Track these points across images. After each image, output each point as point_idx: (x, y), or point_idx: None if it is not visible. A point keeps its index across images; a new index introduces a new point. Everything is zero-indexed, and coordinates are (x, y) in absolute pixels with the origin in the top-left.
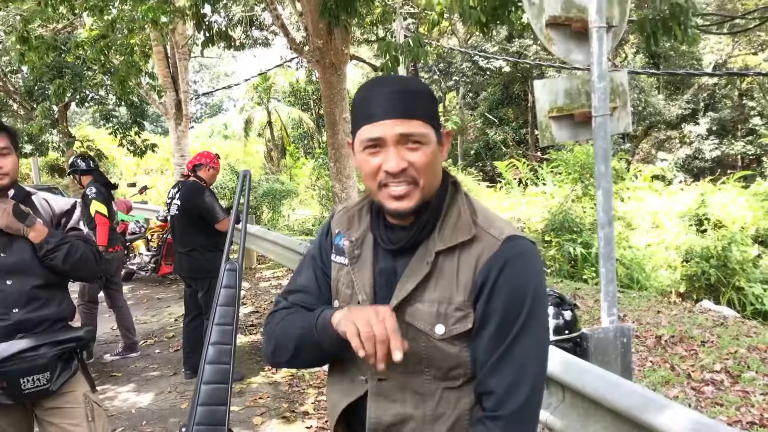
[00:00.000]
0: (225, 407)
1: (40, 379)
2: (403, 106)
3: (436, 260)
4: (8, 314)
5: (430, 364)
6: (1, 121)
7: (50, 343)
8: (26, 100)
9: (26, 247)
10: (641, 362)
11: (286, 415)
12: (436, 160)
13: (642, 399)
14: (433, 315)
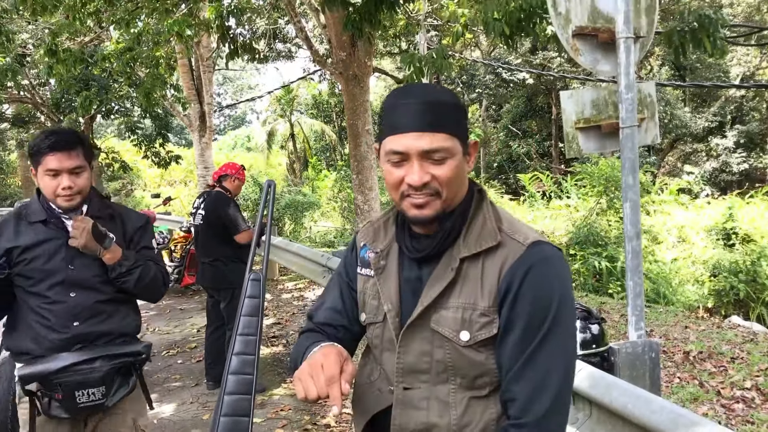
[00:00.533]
0: (248, 419)
1: (95, 393)
2: (428, 118)
3: (460, 267)
4: (68, 327)
5: (456, 372)
6: (78, 134)
7: (106, 357)
8: (53, 112)
9: (95, 263)
10: (669, 378)
11: (308, 427)
12: (460, 172)
13: (672, 415)
14: (458, 321)
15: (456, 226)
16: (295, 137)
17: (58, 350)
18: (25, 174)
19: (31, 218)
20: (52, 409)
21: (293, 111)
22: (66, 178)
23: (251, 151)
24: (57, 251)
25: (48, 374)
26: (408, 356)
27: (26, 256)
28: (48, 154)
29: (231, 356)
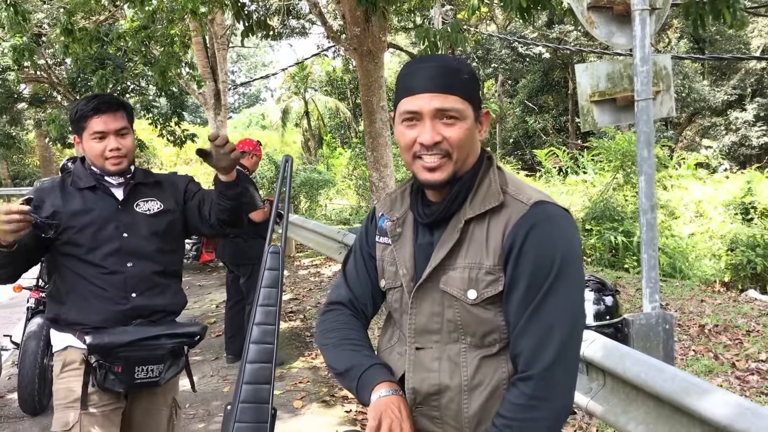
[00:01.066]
0: (269, 386)
1: (154, 370)
2: (441, 80)
3: (466, 228)
4: (127, 298)
5: (466, 331)
6: (118, 98)
7: (170, 335)
8: (69, 91)
9: (149, 231)
10: (684, 351)
11: (326, 399)
12: (471, 136)
13: (684, 384)
14: (465, 281)
15: (463, 191)
16: (310, 115)
17: (116, 322)
18: (43, 153)
19: (80, 184)
20: (107, 382)
21: (307, 88)
22: (113, 140)
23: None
24: (109, 219)
25: (117, 346)
26: (420, 317)
27: (76, 222)
28: (93, 117)
29: (252, 326)
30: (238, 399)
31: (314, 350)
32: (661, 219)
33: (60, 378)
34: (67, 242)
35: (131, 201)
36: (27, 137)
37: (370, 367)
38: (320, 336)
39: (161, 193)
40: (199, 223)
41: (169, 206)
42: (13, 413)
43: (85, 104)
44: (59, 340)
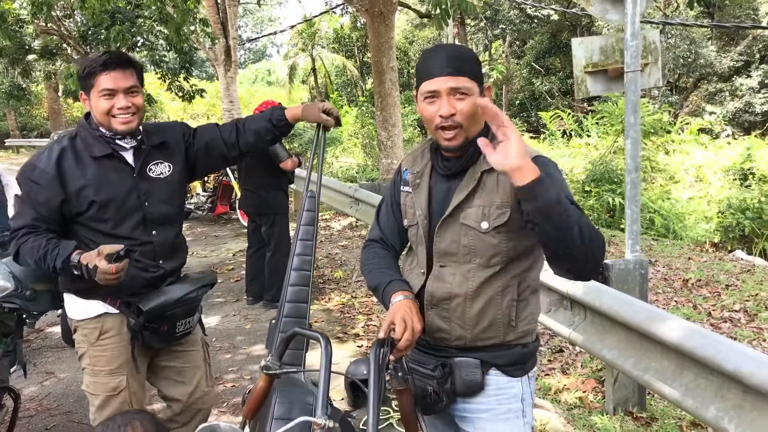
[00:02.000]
0: (306, 304)
1: (190, 322)
2: (454, 65)
3: (481, 177)
4: (157, 266)
5: (477, 254)
6: (129, 55)
7: (199, 288)
8: (80, 44)
9: (165, 196)
10: (666, 302)
11: (339, 336)
12: (477, 108)
13: (648, 314)
14: (479, 215)
15: (477, 150)
16: (317, 72)
17: (149, 287)
18: (52, 105)
19: (95, 153)
20: (152, 341)
21: (315, 45)
22: (122, 98)
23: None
24: (130, 189)
25: (167, 307)
26: (442, 243)
27: (98, 197)
28: (102, 74)
29: (293, 256)
30: (282, 314)
31: (327, 294)
32: (660, 183)
33: (98, 345)
34: (91, 218)
35: (144, 167)
36: (36, 89)
37: (391, 282)
38: (362, 265)
39: (168, 153)
40: (210, 162)
41: (177, 165)
42: (55, 343)
43: (94, 60)
44: (86, 307)
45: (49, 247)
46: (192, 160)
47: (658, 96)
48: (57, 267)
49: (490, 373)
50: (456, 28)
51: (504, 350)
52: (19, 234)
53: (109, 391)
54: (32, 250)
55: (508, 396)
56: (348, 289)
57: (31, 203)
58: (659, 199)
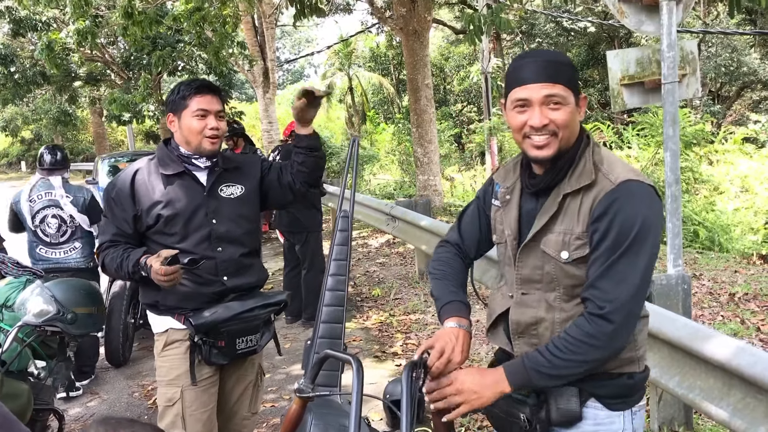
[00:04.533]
0: (341, 325)
1: (252, 340)
2: (548, 72)
3: (563, 200)
4: (220, 281)
5: (560, 283)
6: (212, 83)
7: (261, 306)
8: (123, 70)
9: (236, 215)
10: (712, 317)
11: (378, 354)
12: (573, 118)
13: (692, 330)
14: (559, 243)
15: (565, 166)
16: (353, 90)
17: (211, 303)
18: (97, 130)
19: (168, 170)
20: (212, 357)
21: (351, 64)
22: (214, 119)
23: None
24: (198, 206)
25: (219, 323)
26: (525, 269)
27: (166, 212)
28: (196, 96)
29: (328, 277)
30: (317, 335)
31: (365, 313)
32: (704, 194)
33: (162, 356)
34: (158, 232)
35: (215, 187)
36: (82, 115)
37: (451, 302)
38: (431, 267)
39: (241, 176)
40: (281, 192)
41: (249, 188)
42: (99, 364)
43: (186, 85)
44: (159, 322)
45: (124, 255)
46: (265, 190)
47: (700, 106)
48: (130, 271)
49: (588, 405)
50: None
51: (605, 380)
52: (102, 248)
53: (166, 402)
54: (112, 261)
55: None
56: (386, 307)
57: (112, 219)
58: (703, 210)
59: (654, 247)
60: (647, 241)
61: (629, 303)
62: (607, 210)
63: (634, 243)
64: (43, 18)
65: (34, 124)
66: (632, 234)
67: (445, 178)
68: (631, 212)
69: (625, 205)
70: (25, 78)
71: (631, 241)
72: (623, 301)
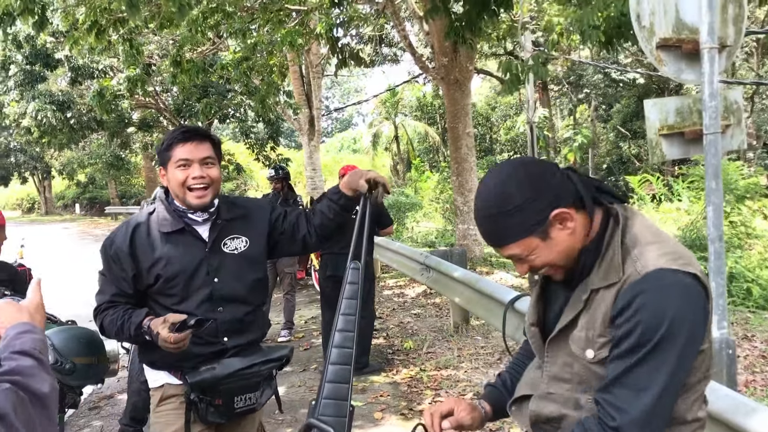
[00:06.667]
0: (348, 385)
1: (251, 398)
2: (491, 238)
3: (590, 296)
4: (220, 341)
5: (590, 383)
6: (206, 129)
7: (262, 362)
8: (175, 116)
9: (239, 273)
10: (765, 382)
11: (404, 412)
12: (551, 252)
13: (734, 402)
14: (583, 340)
15: (589, 260)
16: (399, 139)
17: (209, 361)
18: (149, 174)
19: (166, 228)
20: (209, 415)
21: (398, 113)
22: (197, 168)
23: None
24: (199, 265)
25: (216, 381)
26: (554, 366)
27: (166, 272)
28: (178, 145)
29: (335, 332)
30: (321, 395)
31: (396, 367)
32: (759, 249)
33: (156, 412)
34: (158, 292)
35: (218, 241)
36: (134, 159)
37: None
38: None
39: (247, 227)
40: (292, 244)
41: (256, 239)
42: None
43: (170, 133)
44: (154, 377)
45: (125, 317)
46: (274, 241)
47: (754, 159)
48: (132, 335)
49: None
50: (538, 93)
51: None
52: (101, 309)
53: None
54: (112, 323)
55: None
56: (417, 361)
57: (111, 279)
58: (757, 267)
59: (688, 348)
60: (676, 343)
61: (647, 417)
62: (630, 304)
63: (659, 346)
64: (99, 66)
65: (89, 168)
66: (657, 335)
67: None
68: (658, 308)
69: (651, 300)
70: (81, 123)
71: (655, 344)
72: (639, 416)
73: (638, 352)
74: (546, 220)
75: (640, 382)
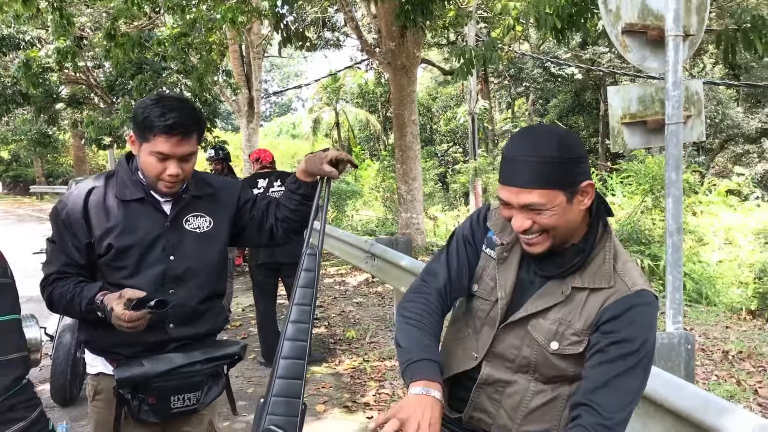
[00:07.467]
0: (301, 381)
1: (191, 398)
2: (527, 176)
3: (570, 293)
4: (164, 329)
5: (536, 369)
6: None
7: (204, 360)
8: (106, 94)
9: (197, 252)
10: (706, 376)
11: (348, 404)
12: (563, 218)
13: (703, 401)
14: (552, 332)
15: (579, 261)
16: (340, 126)
17: (150, 351)
18: (78, 153)
19: (126, 196)
20: (141, 413)
21: (339, 99)
22: (174, 166)
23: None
24: (157, 239)
25: (147, 378)
26: (500, 344)
27: (120, 242)
28: (160, 135)
29: (288, 324)
30: (271, 392)
31: (337, 357)
32: (689, 245)
33: (92, 405)
34: (107, 264)
35: (180, 216)
36: (63, 137)
37: (422, 360)
38: (404, 307)
39: (213, 208)
40: (258, 234)
41: (220, 222)
42: (45, 403)
43: (158, 116)
44: (92, 362)
45: (76, 290)
46: (241, 228)
47: (685, 156)
48: (83, 310)
49: None
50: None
51: None
52: (49, 281)
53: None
54: (60, 297)
55: None
56: (360, 351)
57: (61, 247)
58: (689, 261)
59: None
60: (651, 357)
61: (627, 419)
62: (622, 315)
63: (646, 358)
64: (26, 37)
65: (13, 144)
66: (646, 348)
67: (428, 217)
68: (646, 325)
69: (642, 316)
70: (4, 97)
71: (643, 356)
72: (625, 417)
73: (628, 361)
74: (578, 185)
75: (629, 388)
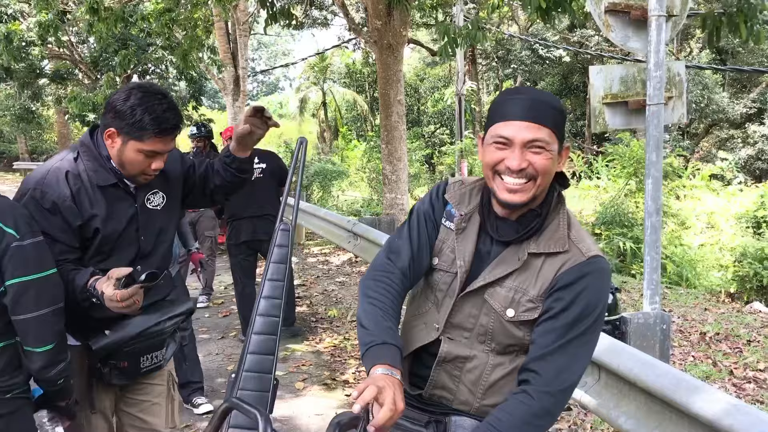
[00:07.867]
0: (273, 357)
1: (158, 356)
2: (536, 112)
3: (526, 259)
4: None
5: (493, 338)
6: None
7: (166, 319)
8: (91, 70)
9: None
10: (683, 356)
11: (327, 382)
12: (552, 166)
13: (675, 380)
14: (508, 300)
15: (536, 225)
16: (327, 106)
17: (112, 324)
18: (61, 130)
19: (101, 181)
20: (114, 378)
21: (326, 79)
22: (161, 161)
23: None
24: (131, 221)
25: (121, 344)
26: (458, 314)
27: (105, 228)
28: (153, 137)
29: (260, 299)
30: (242, 368)
31: (318, 335)
32: (671, 228)
33: None
34: (89, 248)
35: (142, 196)
36: (47, 113)
37: (384, 345)
38: (366, 285)
39: (164, 182)
40: (202, 198)
41: (172, 195)
42: None
43: (150, 120)
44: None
45: (69, 278)
46: (186, 193)
47: (670, 140)
48: (79, 299)
49: None
50: (467, 66)
51: None
52: None
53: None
54: None
55: None
56: (341, 330)
57: (53, 237)
58: (671, 244)
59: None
60: (600, 325)
61: (575, 383)
62: (575, 282)
63: (595, 324)
64: (8, 11)
65: None
66: (596, 314)
67: (413, 198)
68: (598, 291)
69: (594, 283)
70: None
71: (592, 322)
72: (573, 381)
73: (578, 327)
74: (563, 144)
75: (577, 354)
